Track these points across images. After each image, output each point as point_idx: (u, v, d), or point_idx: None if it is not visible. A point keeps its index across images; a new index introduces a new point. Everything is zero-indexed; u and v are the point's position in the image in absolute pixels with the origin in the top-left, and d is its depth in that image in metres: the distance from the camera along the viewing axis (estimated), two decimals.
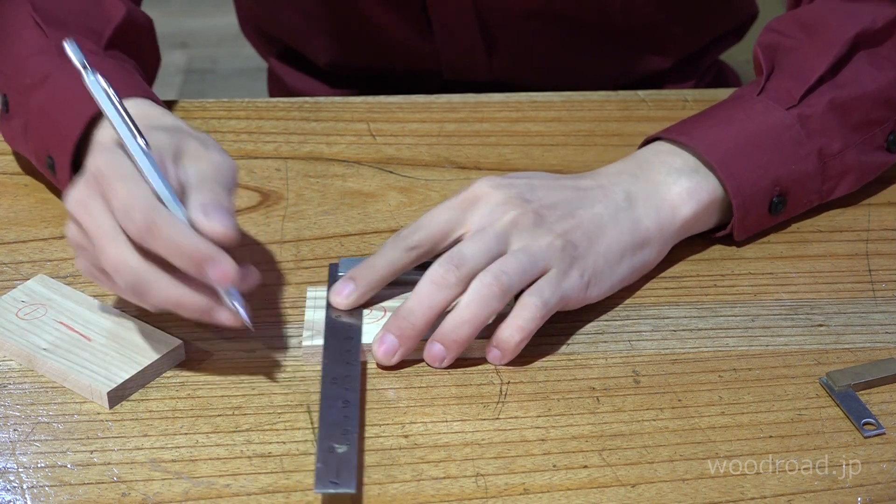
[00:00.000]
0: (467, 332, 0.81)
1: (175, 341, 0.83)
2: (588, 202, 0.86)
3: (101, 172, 0.77)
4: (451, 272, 0.81)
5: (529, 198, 0.85)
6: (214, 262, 0.75)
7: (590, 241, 0.85)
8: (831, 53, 0.94)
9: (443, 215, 0.84)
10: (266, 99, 1.11)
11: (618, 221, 0.86)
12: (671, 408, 0.80)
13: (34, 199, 0.98)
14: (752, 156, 0.90)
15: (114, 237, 0.76)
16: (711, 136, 0.90)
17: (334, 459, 0.73)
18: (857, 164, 0.94)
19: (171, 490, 0.75)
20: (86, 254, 0.80)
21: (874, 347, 0.84)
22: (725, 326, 0.86)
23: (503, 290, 0.81)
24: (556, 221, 0.84)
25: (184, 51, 2.61)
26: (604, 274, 0.85)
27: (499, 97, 1.10)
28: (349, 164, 1.02)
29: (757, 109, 0.92)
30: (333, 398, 0.78)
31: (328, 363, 0.80)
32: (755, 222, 0.91)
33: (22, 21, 0.97)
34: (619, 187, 0.88)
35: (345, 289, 0.84)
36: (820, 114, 0.92)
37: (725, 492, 0.75)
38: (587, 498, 0.74)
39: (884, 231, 0.95)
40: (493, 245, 0.82)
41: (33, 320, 0.84)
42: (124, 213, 0.75)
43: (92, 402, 0.80)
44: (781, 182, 0.91)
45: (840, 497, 0.74)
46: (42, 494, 0.74)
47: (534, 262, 0.82)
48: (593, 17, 1.14)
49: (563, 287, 0.83)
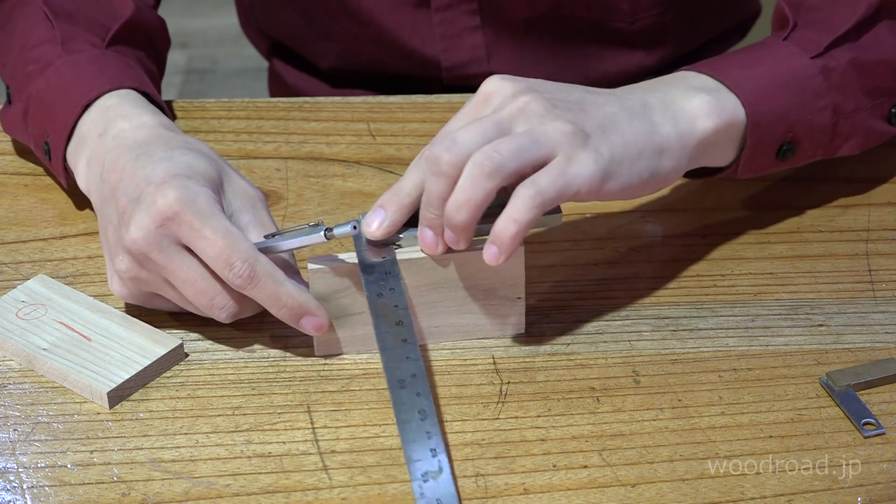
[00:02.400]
0: (465, 215, 0.78)
1: (175, 341, 0.83)
2: (601, 100, 0.83)
3: (180, 216, 0.79)
4: (442, 158, 0.78)
5: (540, 89, 0.82)
6: (310, 314, 0.80)
7: (603, 131, 0.81)
8: (858, 12, 0.93)
9: (458, 124, 0.82)
10: (266, 99, 1.11)
11: (633, 121, 0.83)
12: (671, 408, 0.80)
13: (34, 199, 0.98)
14: (775, 97, 0.89)
15: (202, 276, 0.80)
16: (738, 72, 0.89)
17: (431, 491, 0.71)
18: (865, 129, 0.93)
19: (171, 490, 0.75)
20: (138, 284, 0.82)
21: (874, 347, 0.84)
22: (725, 326, 0.86)
23: (495, 167, 0.77)
24: (567, 111, 0.81)
25: (184, 51, 2.61)
26: (623, 165, 0.81)
27: None
28: (349, 164, 1.02)
29: (783, 53, 0.91)
30: (408, 409, 0.74)
31: (389, 361, 0.76)
32: (761, 163, 0.90)
33: (34, 15, 0.98)
34: (634, 95, 0.85)
35: (376, 218, 0.81)
36: (842, 69, 0.91)
37: (725, 492, 0.75)
38: (587, 498, 0.74)
39: (884, 231, 0.95)
40: (490, 129, 0.79)
41: (33, 320, 0.84)
42: (225, 262, 0.79)
43: (92, 402, 0.80)
44: (795, 129, 0.90)
45: (840, 497, 0.74)
46: (42, 494, 0.74)
47: (535, 143, 0.79)
48: (599, 19, 1.13)
49: (568, 174, 0.79)
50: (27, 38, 0.97)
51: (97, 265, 0.91)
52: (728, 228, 0.94)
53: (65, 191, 0.97)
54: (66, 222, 0.95)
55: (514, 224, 0.77)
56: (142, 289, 0.83)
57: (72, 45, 0.95)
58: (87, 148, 0.89)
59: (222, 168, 0.85)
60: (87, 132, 0.90)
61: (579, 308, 0.87)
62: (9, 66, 0.99)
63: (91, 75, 0.92)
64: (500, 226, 0.78)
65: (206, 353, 0.84)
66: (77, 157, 0.90)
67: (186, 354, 0.84)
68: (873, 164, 0.99)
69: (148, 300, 0.84)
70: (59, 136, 0.91)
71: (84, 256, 0.92)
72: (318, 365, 0.83)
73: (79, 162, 0.89)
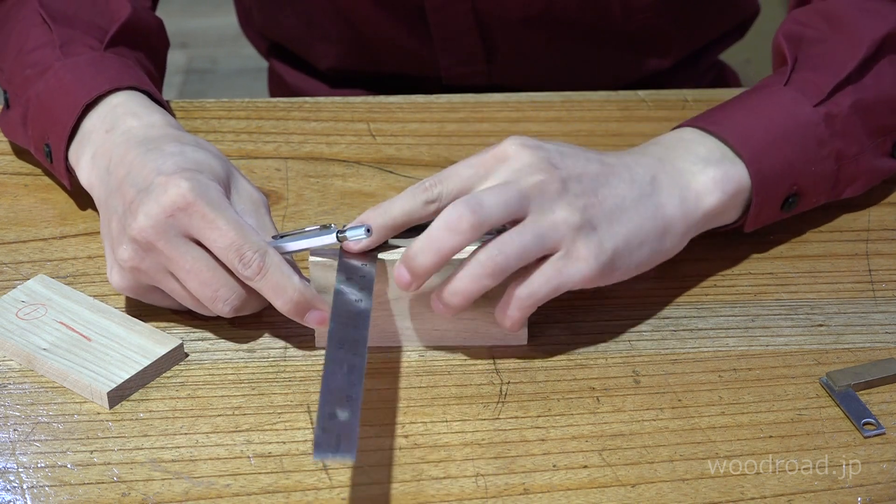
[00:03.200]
0: (460, 302, 0.79)
1: (175, 341, 0.83)
2: (613, 181, 0.84)
3: (192, 208, 0.80)
4: (465, 218, 0.78)
5: (558, 164, 0.82)
6: (314, 308, 0.81)
7: (610, 222, 0.82)
8: (860, 52, 0.92)
9: (467, 171, 0.82)
10: (266, 99, 1.11)
11: (640, 205, 0.84)
12: (671, 408, 0.80)
13: (34, 199, 0.98)
14: (779, 151, 0.89)
15: (207, 266, 0.80)
16: (741, 126, 0.89)
17: (335, 426, 0.71)
18: (868, 169, 0.93)
19: (171, 490, 0.75)
20: (138, 275, 0.82)
21: (874, 347, 0.84)
22: (725, 326, 0.86)
23: (497, 269, 0.78)
24: (580, 195, 0.82)
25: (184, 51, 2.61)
26: (623, 257, 0.82)
27: (499, 97, 1.10)
28: (349, 164, 1.02)
29: (785, 101, 0.91)
30: (338, 362, 0.75)
31: (336, 327, 0.78)
32: (767, 216, 0.90)
33: (30, 19, 0.98)
34: (644, 169, 0.86)
35: (358, 235, 0.81)
36: (844, 115, 0.91)
37: (725, 492, 0.75)
38: (587, 498, 0.74)
39: (884, 231, 0.95)
40: (513, 201, 0.80)
41: (33, 320, 0.84)
42: (237, 253, 0.79)
43: (92, 402, 0.80)
44: (799, 181, 0.90)
45: (840, 497, 0.74)
46: (42, 494, 0.74)
47: (540, 240, 0.79)
48: (593, 21, 1.13)
49: (564, 274, 0.80)
50: (24, 43, 0.97)
51: (97, 265, 0.91)
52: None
53: (67, 192, 0.97)
54: (66, 222, 0.95)
55: (509, 320, 0.81)
56: (142, 280, 0.83)
57: (70, 48, 0.95)
58: (92, 143, 0.89)
59: (230, 169, 0.86)
60: (93, 128, 0.90)
61: (579, 308, 0.87)
62: (6, 71, 0.99)
63: (90, 76, 0.92)
64: (497, 309, 0.81)
65: (206, 353, 0.84)
66: (80, 153, 0.90)
67: (186, 354, 0.84)
68: None
69: (146, 293, 0.84)
70: (60, 137, 0.91)
71: (84, 256, 0.92)
72: (318, 365, 0.83)
73: (81, 157, 0.89)
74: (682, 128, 0.91)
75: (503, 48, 1.16)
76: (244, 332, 0.85)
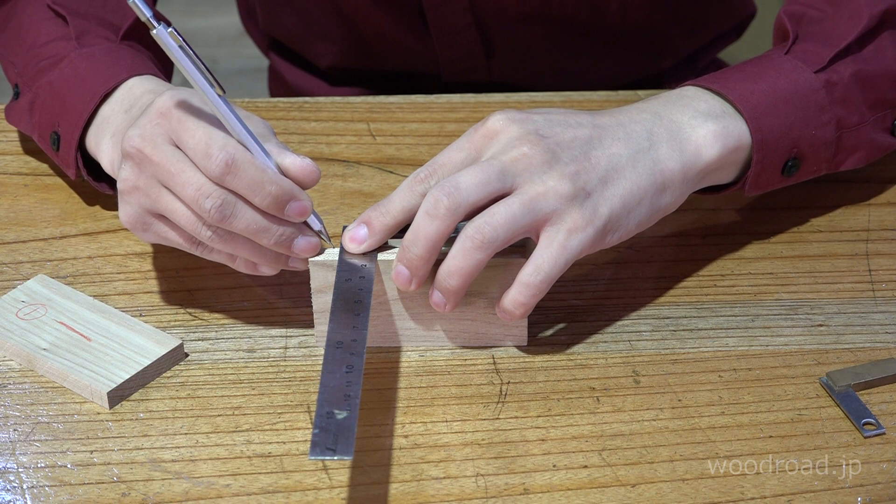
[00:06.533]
0: (457, 281, 0.79)
1: (175, 341, 0.83)
2: (606, 141, 0.83)
3: (171, 111, 0.79)
4: (442, 202, 0.78)
5: (546, 134, 0.81)
6: (296, 198, 0.79)
7: (604, 185, 0.81)
8: (860, 24, 0.93)
9: (458, 155, 0.82)
10: (266, 99, 1.11)
11: (637, 162, 0.83)
12: (671, 408, 0.80)
13: (34, 199, 0.98)
14: (780, 113, 0.89)
15: (190, 167, 0.78)
16: (743, 86, 0.89)
17: (333, 425, 0.71)
18: (868, 142, 0.93)
19: (171, 490, 0.75)
20: (138, 197, 0.81)
21: (874, 347, 0.84)
22: (725, 326, 0.86)
23: (486, 241, 0.78)
24: (570, 162, 0.81)
25: None
26: (621, 218, 0.82)
27: (499, 97, 1.10)
28: (349, 164, 1.02)
29: (786, 68, 0.91)
30: (337, 362, 0.75)
31: (334, 327, 0.78)
32: (768, 180, 0.90)
33: (41, 14, 0.98)
34: (641, 125, 0.85)
35: (359, 234, 0.82)
36: (845, 83, 0.91)
37: (725, 492, 0.75)
38: (587, 498, 0.74)
39: (884, 231, 0.95)
40: (494, 178, 0.79)
41: (33, 320, 0.84)
42: (203, 152, 0.78)
43: (92, 402, 0.80)
44: (799, 145, 0.90)
45: (840, 497, 0.74)
46: (42, 494, 0.74)
47: (530, 211, 0.79)
48: (590, 18, 1.13)
49: (568, 248, 0.79)
50: (36, 37, 0.97)
51: (97, 265, 0.91)
52: (728, 228, 0.95)
53: (70, 185, 0.97)
54: (66, 222, 0.95)
55: (521, 307, 0.80)
56: (143, 203, 0.81)
57: (86, 38, 0.95)
58: (111, 125, 0.89)
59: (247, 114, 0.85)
60: (111, 112, 0.90)
61: (579, 308, 0.87)
62: (18, 65, 0.99)
63: (107, 65, 0.92)
64: (508, 300, 0.80)
65: (206, 353, 0.84)
66: (99, 137, 0.90)
67: (186, 354, 0.84)
68: (873, 165, 0.99)
69: (150, 226, 0.82)
70: (74, 124, 0.91)
71: (84, 256, 0.92)
72: (318, 365, 0.83)
73: (102, 140, 0.89)
74: (683, 86, 0.91)
75: (502, 44, 1.16)
76: (244, 332, 0.85)
